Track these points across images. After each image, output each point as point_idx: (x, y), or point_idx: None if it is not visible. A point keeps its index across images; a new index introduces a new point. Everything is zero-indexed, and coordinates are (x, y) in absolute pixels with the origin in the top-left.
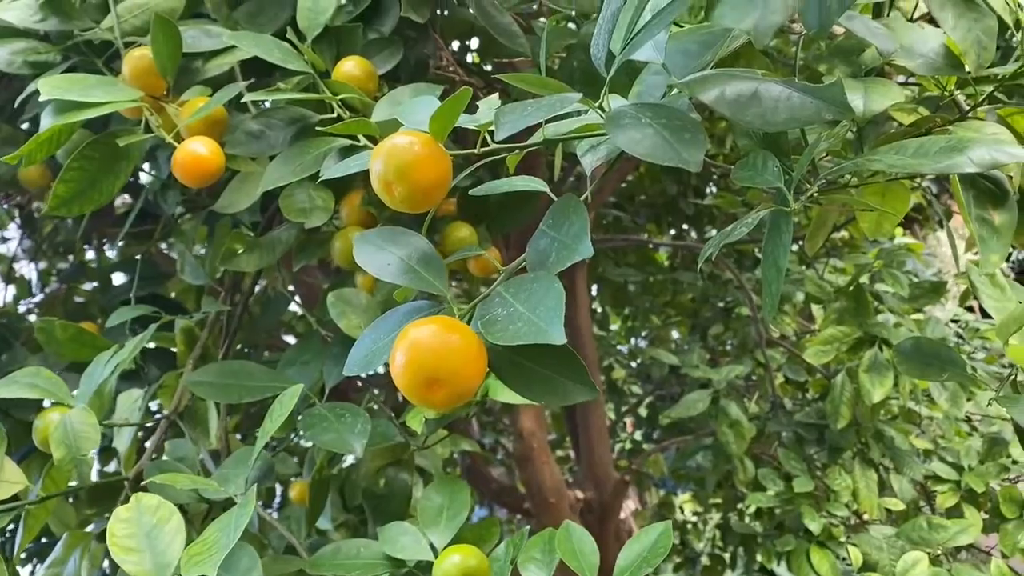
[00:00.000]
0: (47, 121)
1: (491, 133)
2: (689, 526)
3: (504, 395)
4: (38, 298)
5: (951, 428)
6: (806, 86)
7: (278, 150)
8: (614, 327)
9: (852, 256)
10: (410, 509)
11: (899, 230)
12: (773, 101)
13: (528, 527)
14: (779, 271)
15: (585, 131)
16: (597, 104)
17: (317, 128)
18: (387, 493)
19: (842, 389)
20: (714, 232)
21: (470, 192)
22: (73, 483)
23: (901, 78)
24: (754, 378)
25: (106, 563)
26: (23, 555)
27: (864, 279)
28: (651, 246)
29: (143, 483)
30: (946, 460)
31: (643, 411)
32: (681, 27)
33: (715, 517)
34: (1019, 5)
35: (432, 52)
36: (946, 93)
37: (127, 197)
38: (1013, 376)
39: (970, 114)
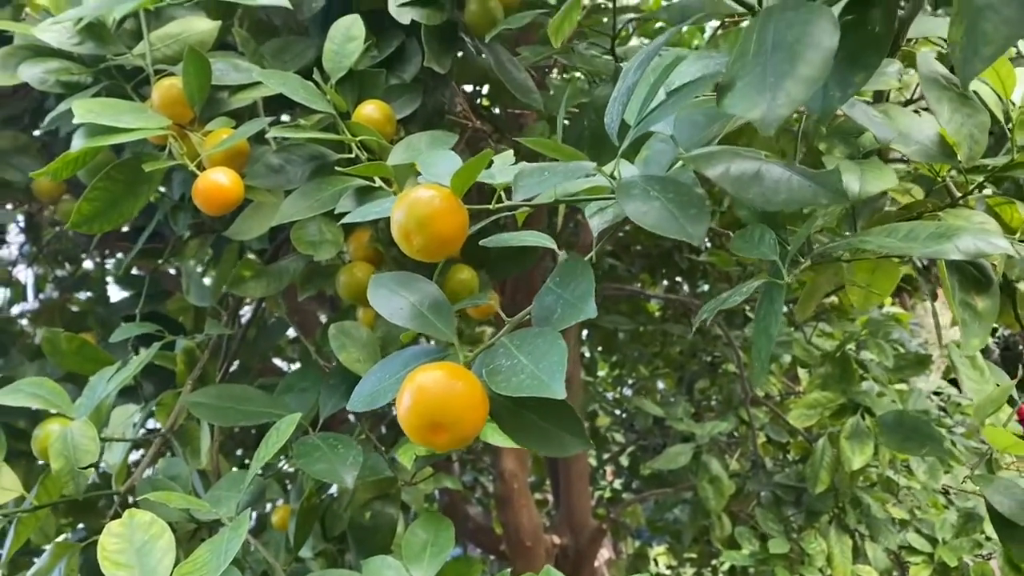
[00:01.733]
0: (78, 142)
1: (506, 191)
2: None
3: (494, 437)
4: (32, 304)
5: (928, 499)
6: (805, 171)
7: (296, 185)
8: (601, 373)
9: (841, 323)
10: (394, 542)
11: (888, 299)
12: (774, 182)
13: (508, 570)
14: (770, 339)
15: (594, 193)
16: (609, 173)
17: (336, 167)
18: (372, 526)
19: (823, 454)
20: (707, 287)
21: (480, 243)
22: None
23: (898, 153)
24: (737, 435)
25: None
26: None
27: (851, 346)
28: (643, 297)
29: (135, 499)
30: (921, 532)
31: (625, 460)
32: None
33: (689, 572)
34: (1012, 102)
35: (449, 98)
36: (939, 179)
37: None
38: (989, 455)
39: (960, 201)
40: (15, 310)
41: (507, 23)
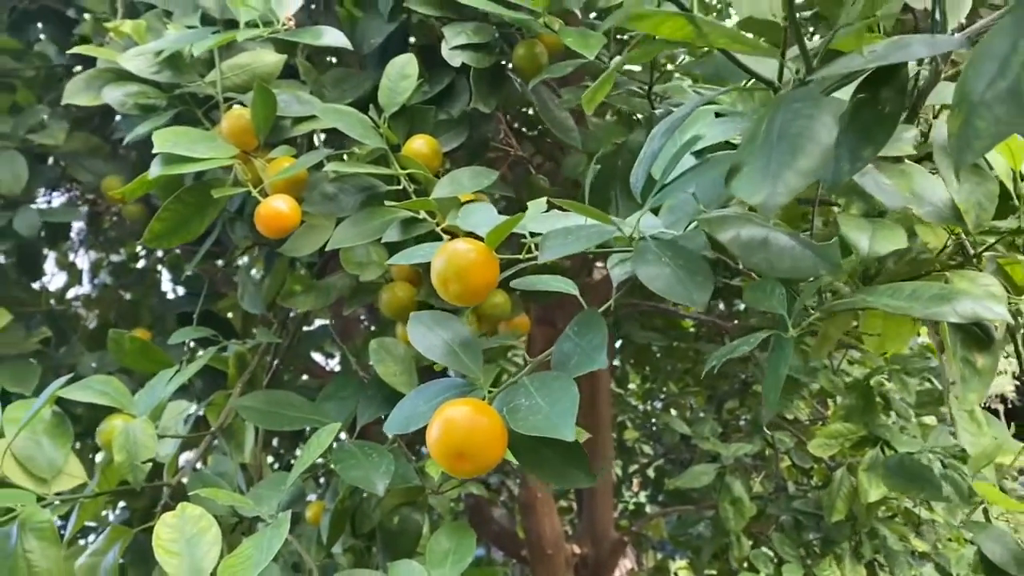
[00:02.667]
0: (156, 169)
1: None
2: None
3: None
4: (87, 288)
5: (953, 534)
6: (808, 242)
7: (347, 213)
8: (632, 386)
9: (867, 356)
10: (419, 547)
11: (924, 328)
12: (779, 249)
13: (510, 565)
14: (778, 379)
15: (617, 244)
16: (629, 235)
17: (385, 200)
18: (399, 530)
19: (840, 484)
20: (742, 307)
21: (511, 283)
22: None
23: None
24: (763, 457)
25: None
26: None
27: (880, 378)
28: (678, 315)
29: (188, 493)
30: (939, 566)
31: (651, 472)
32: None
33: None
34: (1021, 173)
35: (493, 131)
36: (954, 235)
37: None
38: (984, 504)
39: (973, 259)
40: (70, 293)
41: (550, 71)
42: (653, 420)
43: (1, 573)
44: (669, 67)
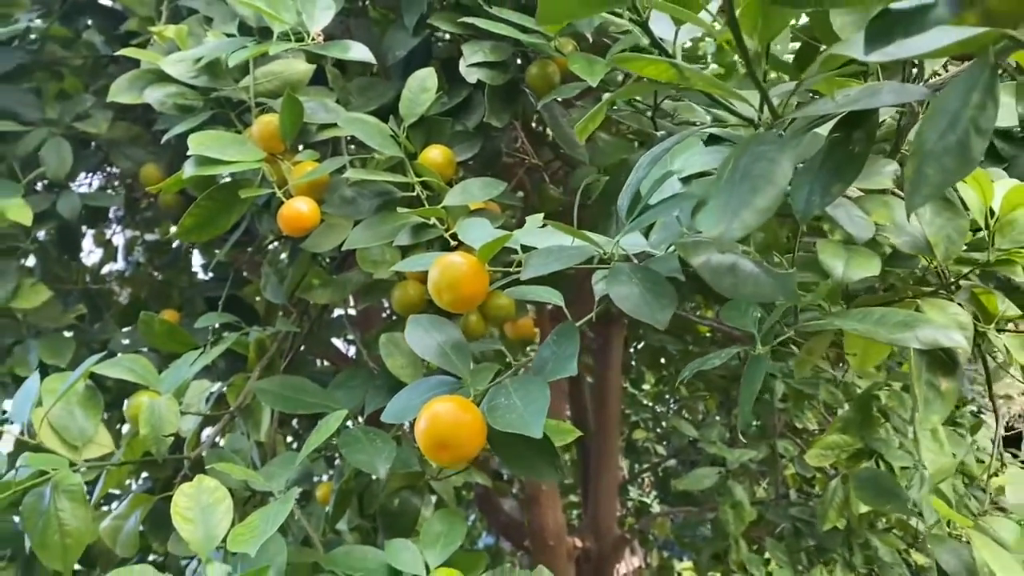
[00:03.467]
0: (190, 169)
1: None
2: None
3: None
4: (121, 265)
5: None
6: (770, 270)
7: (364, 215)
8: (647, 387)
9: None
10: (416, 528)
11: None
12: (745, 275)
13: (508, 564)
14: (752, 392)
15: (603, 262)
16: (607, 255)
17: (398, 206)
18: (399, 512)
19: (834, 494)
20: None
21: (503, 292)
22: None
23: None
24: (771, 464)
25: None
26: None
27: (879, 394)
28: (693, 320)
29: (206, 467)
30: None
31: (660, 473)
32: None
33: None
34: (991, 209)
35: (508, 141)
36: (932, 265)
37: None
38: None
39: (952, 286)
40: (104, 269)
41: (559, 93)
42: (664, 423)
43: (35, 528)
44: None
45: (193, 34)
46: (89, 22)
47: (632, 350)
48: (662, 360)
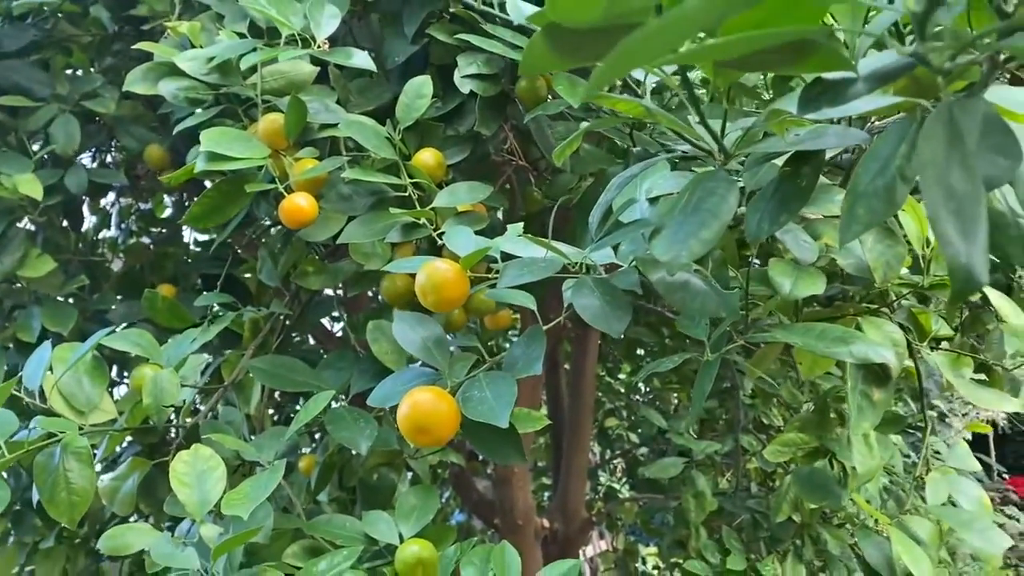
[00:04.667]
0: (201, 164)
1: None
2: None
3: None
4: (114, 232)
5: None
6: (717, 289)
7: (359, 212)
8: (623, 376)
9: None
10: (392, 501)
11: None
12: (694, 292)
13: (475, 539)
14: (703, 393)
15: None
16: (576, 268)
17: (391, 205)
18: (377, 486)
19: (787, 488)
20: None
21: (483, 296)
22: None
23: None
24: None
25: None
26: None
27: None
28: (668, 315)
29: (200, 436)
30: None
31: (631, 460)
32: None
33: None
34: (927, 239)
35: (497, 147)
36: (876, 287)
37: None
38: (869, 517)
39: (895, 305)
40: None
41: (545, 108)
42: (636, 413)
43: (45, 484)
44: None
45: (205, 29)
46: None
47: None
48: (639, 351)
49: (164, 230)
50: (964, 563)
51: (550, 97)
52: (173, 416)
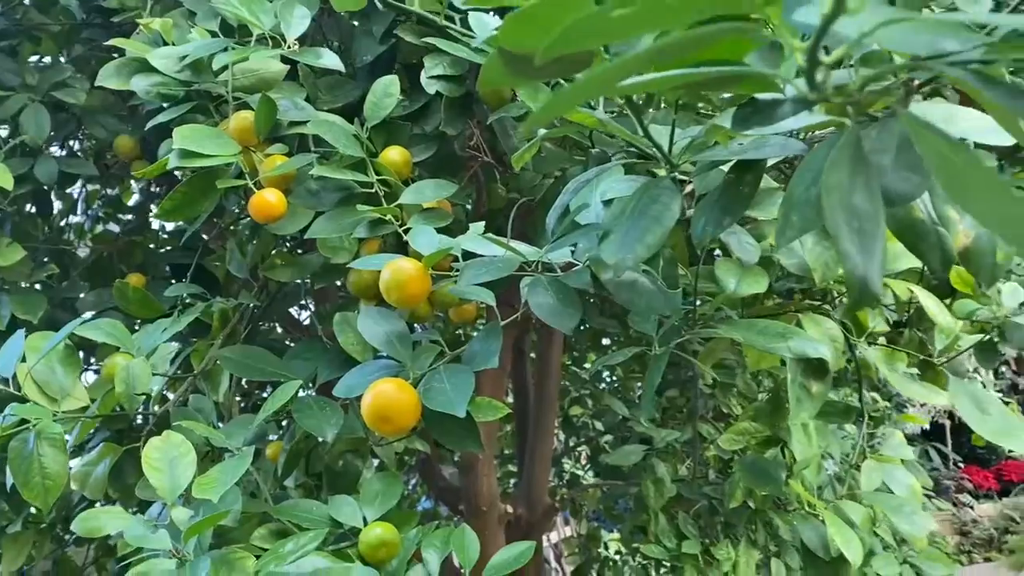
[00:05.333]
0: (174, 161)
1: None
2: (610, 563)
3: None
4: (80, 218)
5: None
6: (663, 289)
7: (327, 207)
8: (588, 365)
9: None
10: (357, 487)
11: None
12: (641, 291)
13: (436, 523)
14: (652, 385)
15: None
16: (534, 267)
17: (358, 201)
18: (343, 472)
19: (740, 476)
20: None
21: (447, 291)
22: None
23: None
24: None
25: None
26: None
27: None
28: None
29: (171, 423)
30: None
31: (594, 447)
32: None
33: (636, 560)
34: None
35: (462, 145)
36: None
37: None
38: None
39: (836, 302)
40: (63, 222)
41: (508, 110)
42: (600, 401)
43: (19, 469)
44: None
45: (177, 26)
46: None
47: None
48: (604, 341)
49: (132, 217)
50: (910, 547)
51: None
52: (142, 404)
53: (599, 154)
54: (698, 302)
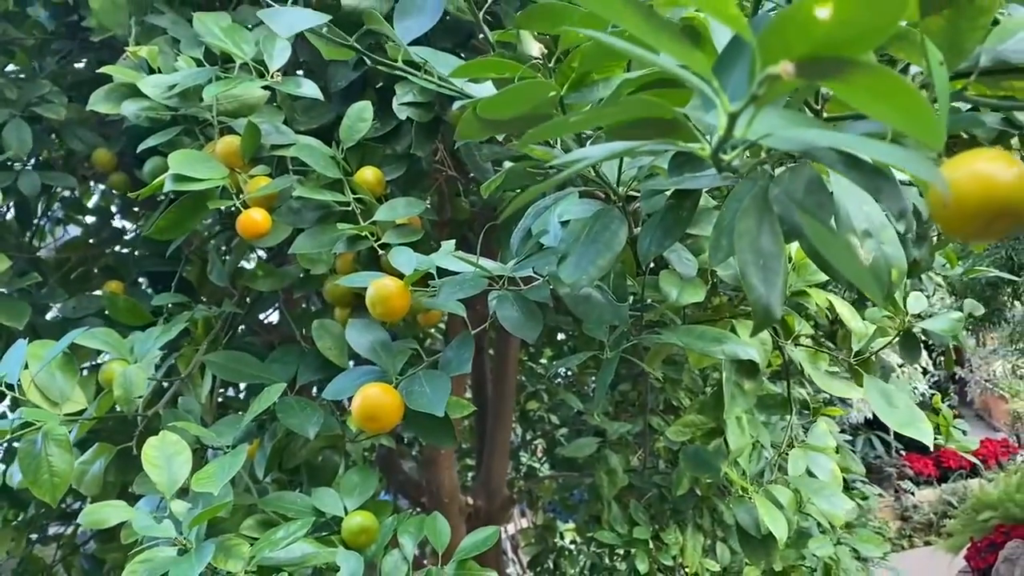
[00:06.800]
0: (169, 184)
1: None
2: (566, 552)
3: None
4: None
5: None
6: (612, 302)
7: (307, 224)
8: (544, 360)
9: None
10: (334, 480)
11: None
12: (594, 304)
13: (409, 511)
14: (604, 384)
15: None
16: (500, 283)
17: (336, 218)
18: (322, 466)
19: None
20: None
21: (424, 302)
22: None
23: None
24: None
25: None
26: None
27: None
28: None
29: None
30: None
31: (550, 440)
32: None
33: (591, 549)
34: (790, 256)
35: (429, 161)
36: None
37: None
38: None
39: None
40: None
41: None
42: (556, 396)
43: (29, 468)
44: None
45: (163, 52)
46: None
47: None
48: (559, 336)
49: (92, 218)
50: (843, 530)
51: None
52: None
53: (556, 173)
54: (652, 303)
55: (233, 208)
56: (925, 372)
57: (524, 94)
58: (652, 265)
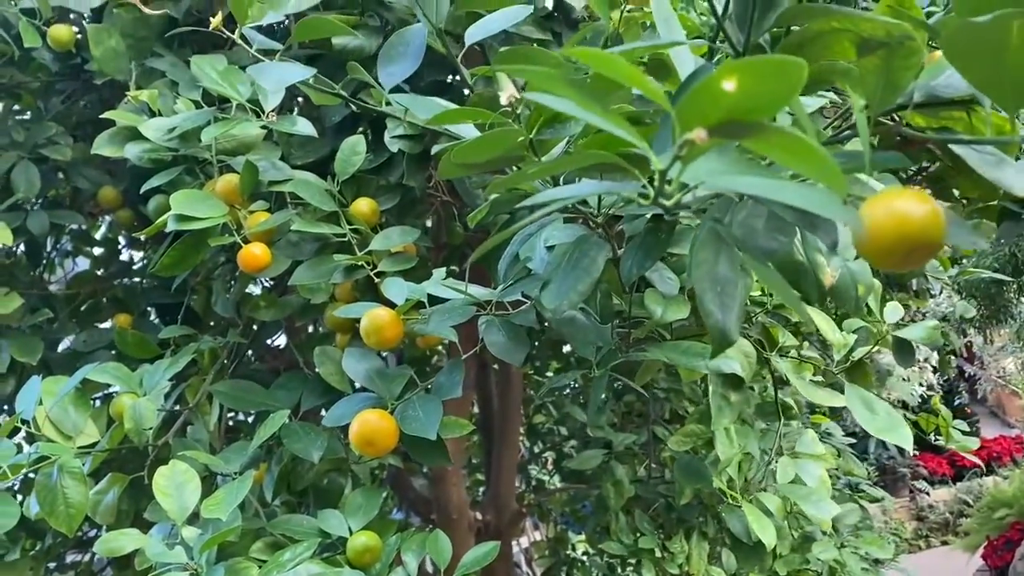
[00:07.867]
0: (172, 224)
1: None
2: (579, 563)
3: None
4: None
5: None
6: (596, 323)
7: (306, 257)
8: (550, 374)
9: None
10: (340, 501)
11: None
12: (579, 325)
13: (414, 529)
14: (595, 402)
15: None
16: (488, 310)
17: (333, 249)
18: (327, 489)
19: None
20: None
21: (414, 329)
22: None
23: None
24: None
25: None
26: None
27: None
28: None
29: (171, 453)
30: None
31: (559, 452)
32: None
33: (603, 560)
34: None
35: (422, 188)
36: None
37: None
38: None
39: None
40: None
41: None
42: (562, 408)
43: (45, 500)
44: None
45: (162, 94)
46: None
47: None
48: (565, 348)
49: (101, 250)
50: (847, 534)
51: None
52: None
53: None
54: (640, 320)
55: (235, 243)
56: (935, 370)
57: (495, 141)
58: (639, 283)
